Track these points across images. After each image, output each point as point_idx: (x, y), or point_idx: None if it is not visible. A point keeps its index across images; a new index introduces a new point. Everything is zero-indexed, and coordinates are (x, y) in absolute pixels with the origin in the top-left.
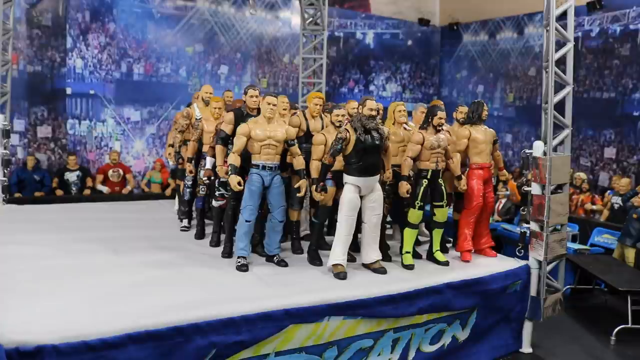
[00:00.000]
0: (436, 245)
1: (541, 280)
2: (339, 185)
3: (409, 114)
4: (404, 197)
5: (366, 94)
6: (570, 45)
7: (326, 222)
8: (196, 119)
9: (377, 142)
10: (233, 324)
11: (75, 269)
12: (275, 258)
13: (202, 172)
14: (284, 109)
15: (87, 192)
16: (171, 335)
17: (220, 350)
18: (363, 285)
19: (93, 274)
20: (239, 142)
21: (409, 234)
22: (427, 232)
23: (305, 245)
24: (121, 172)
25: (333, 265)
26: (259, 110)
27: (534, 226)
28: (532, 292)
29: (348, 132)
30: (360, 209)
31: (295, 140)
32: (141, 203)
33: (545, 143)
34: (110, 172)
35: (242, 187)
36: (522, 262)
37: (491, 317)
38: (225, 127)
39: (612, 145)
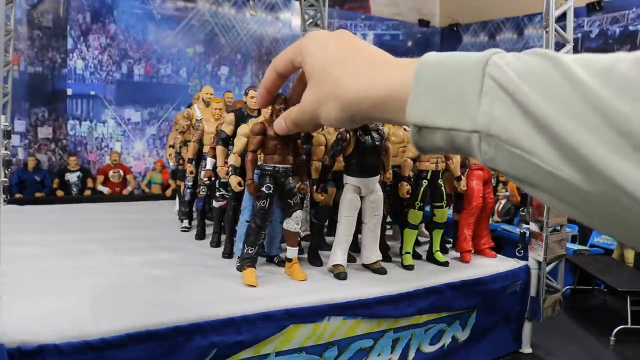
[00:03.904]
0: (436, 246)
1: (541, 281)
2: (339, 186)
3: None
4: (404, 198)
5: None
6: (569, 47)
7: (326, 223)
8: (197, 119)
9: (377, 143)
10: (234, 324)
11: (76, 269)
12: (275, 259)
13: (202, 173)
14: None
15: (87, 192)
16: (172, 335)
17: (221, 350)
18: (363, 286)
19: (94, 274)
20: (239, 143)
21: (409, 235)
22: (427, 232)
23: (305, 245)
24: (122, 172)
25: (333, 265)
26: (259, 111)
27: (533, 227)
28: (532, 292)
29: (348, 132)
30: (361, 209)
31: None
32: (141, 204)
33: None
34: (110, 172)
35: (242, 188)
36: (522, 263)
37: (491, 318)
38: (226, 128)
39: None
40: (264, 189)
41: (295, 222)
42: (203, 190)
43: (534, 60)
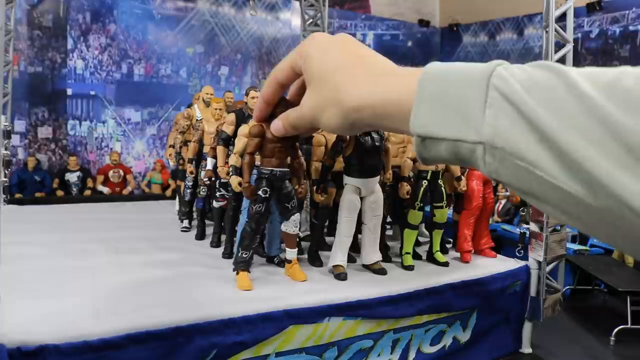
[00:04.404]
0: (436, 246)
1: (541, 281)
2: (339, 187)
3: None
4: (404, 198)
5: None
6: (569, 47)
7: (326, 223)
8: (197, 119)
9: (376, 144)
10: (234, 325)
11: (76, 269)
12: (275, 259)
13: (202, 173)
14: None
15: (87, 192)
16: (172, 335)
17: (221, 350)
18: (363, 286)
19: (94, 274)
20: (240, 144)
21: (409, 235)
22: (427, 232)
23: (305, 246)
24: (122, 172)
25: (333, 266)
26: None
27: (533, 227)
28: (532, 292)
29: None
30: (361, 210)
31: None
32: (142, 204)
33: None
34: (110, 172)
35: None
36: (522, 263)
37: (491, 318)
38: (227, 128)
39: None
40: (260, 192)
41: (294, 225)
42: (203, 190)
43: (539, 73)
